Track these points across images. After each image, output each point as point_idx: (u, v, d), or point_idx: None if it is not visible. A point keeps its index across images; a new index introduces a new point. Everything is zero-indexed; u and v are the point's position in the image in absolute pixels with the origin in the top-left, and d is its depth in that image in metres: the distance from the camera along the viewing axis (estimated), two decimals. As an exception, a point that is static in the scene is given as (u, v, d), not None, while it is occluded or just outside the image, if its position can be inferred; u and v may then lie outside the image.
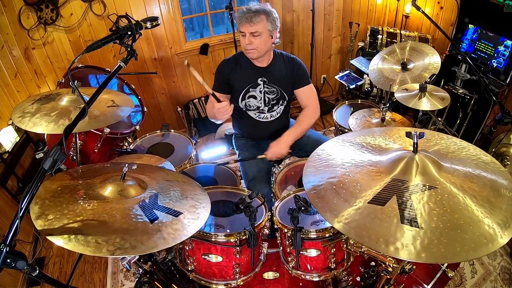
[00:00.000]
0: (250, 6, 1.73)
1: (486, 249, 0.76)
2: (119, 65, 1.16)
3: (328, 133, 3.48)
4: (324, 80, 4.06)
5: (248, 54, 1.78)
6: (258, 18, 1.69)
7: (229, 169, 1.93)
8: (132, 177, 1.18)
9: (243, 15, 1.70)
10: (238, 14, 1.74)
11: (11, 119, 2.04)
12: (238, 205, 1.23)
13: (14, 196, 2.36)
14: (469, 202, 0.86)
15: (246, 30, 1.71)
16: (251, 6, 1.73)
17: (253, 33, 1.70)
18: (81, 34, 2.81)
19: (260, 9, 1.71)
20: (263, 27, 1.71)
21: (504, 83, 2.48)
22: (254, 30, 1.69)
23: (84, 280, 2.22)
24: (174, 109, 3.50)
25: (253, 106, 1.91)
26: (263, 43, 1.74)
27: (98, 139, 1.97)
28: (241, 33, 1.75)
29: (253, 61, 1.85)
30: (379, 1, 3.68)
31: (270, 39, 1.77)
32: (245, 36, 1.73)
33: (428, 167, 0.95)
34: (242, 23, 1.71)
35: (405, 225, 0.82)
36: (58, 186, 1.06)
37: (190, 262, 1.30)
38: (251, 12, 1.69)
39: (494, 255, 2.16)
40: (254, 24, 1.68)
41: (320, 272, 1.32)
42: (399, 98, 1.92)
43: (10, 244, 0.79)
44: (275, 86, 1.88)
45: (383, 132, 1.23)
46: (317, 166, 1.09)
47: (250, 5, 1.74)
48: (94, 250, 0.86)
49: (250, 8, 1.72)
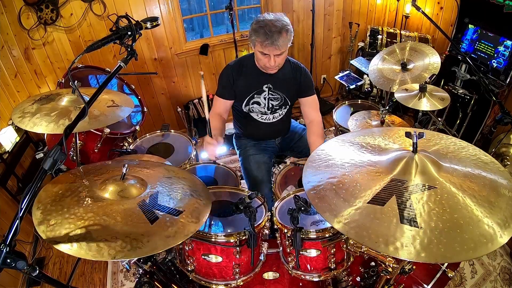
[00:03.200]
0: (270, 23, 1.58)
1: (485, 248, 0.76)
2: (119, 65, 1.16)
3: (328, 133, 3.48)
4: (324, 80, 4.06)
5: (268, 71, 1.75)
6: (281, 39, 1.58)
7: (229, 169, 1.93)
8: (132, 176, 1.18)
9: (266, 38, 1.57)
10: (257, 31, 1.60)
11: (11, 119, 2.04)
12: (238, 205, 1.23)
13: (14, 196, 2.36)
14: (468, 202, 0.86)
15: (271, 53, 1.63)
16: (272, 22, 1.59)
17: (278, 55, 1.65)
18: (81, 34, 2.81)
19: (283, 28, 1.59)
20: (286, 47, 1.65)
21: (504, 83, 2.48)
22: (280, 53, 1.64)
23: (84, 280, 2.22)
24: (174, 109, 3.50)
25: (257, 110, 1.91)
26: (283, 59, 1.72)
27: (98, 139, 1.97)
28: (260, 52, 1.66)
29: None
30: (379, 1, 3.68)
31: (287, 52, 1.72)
32: (267, 56, 1.65)
33: (428, 167, 0.95)
34: (265, 46, 1.60)
35: (405, 225, 0.82)
36: (59, 189, 1.06)
37: (190, 263, 1.30)
38: (274, 34, 1.56)
39: (494, 255, 2.16)
40: (280, 48, 1.61)
41: (320, 272, 1.33)
42: (399, 98, 1.92)
43: (10, 244, 0.80)
44: (279, 92, 1.87)
45: (382, 132, 1.23)
46: (317, 167, 1.09)
47: (268, 18, 1.61)
48: (96, 255, 0.86)
49: (271, 28, 1.57)
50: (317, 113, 1.93)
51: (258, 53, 1.69)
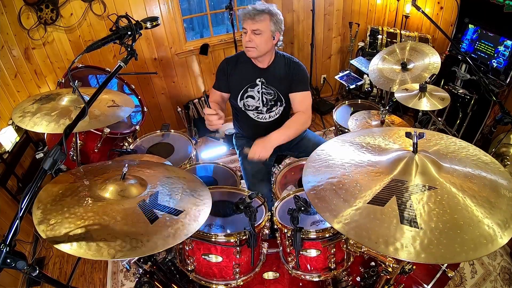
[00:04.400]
0: (256, 5, 1.73)
1: (485, 249, 0.76)
2: (119, 65, 1.16)
3: (328, 133, 3.48)
4: (324, 80, 4.06)
5: (247, 52, 1.78)
6: (261, 17, 1.69)
7: (229, 169, 1.93)
8: (132, 176, 1.18)
9: (247, 12, 1.71)
10: (242, 11, 1.75)
11: (11, 119, 2.04)
12: (238, 205, 1.23)
13: (14, 196, 2.36)
14: (468, 202, 0.86)
15: (248, 27, 1.71)
16: (257, 5, 1.73)
17: (255, 30, 1.70)
18: (81, 34, 2.81)
19: (265, 9, 1.71)
20: (265, 26, 1.71)
21: (504, 83, 2.48)
22: (256, 28, 1.70)
23: (84, 280, 2.22)
24: (174, 109, 3.50)
25: (252, 106, 1.91)
26: (264, 43, 1.73)
27: (98, 139, 1.97)
28: (243, 30, 1.75)
29: (254, 61, 1.84)
30: (379, 1, 3.68)
31: (271, 40, 1.76)
32: (246, 33, 1.73)
33: (428, 167, 0.95)
34: (245, 20, 1.72)
35: (405, 225, 0.82)
36: (59, 189, 1.06)
37: (190, 262, 1.30)
38: (255, 10, 1.70)
39: (494, 255, 2.16)
40: (256, 22, 1.69)
41: (320, 272, 1.33)
42: (399, 98, 1.92)
43: (10, 244, 0.80)
44: (272, 88, 1.88)
45: (382, 132, 1.23)
46: (317, 167, 1.09)
47: (256, 4, 1.74)
48: (96, 254, 0.86)
49: (255, 6, 1.72)
50: (307, 109, 1.88)
51: (242, 34, 1.77)
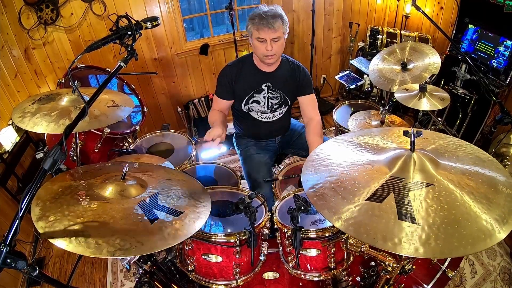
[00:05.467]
0: (265, 10, 1.65)
1: (484, 244, 0.77)
2: (119, 65, 1.16)
3: (328, 133, 3.48)
4: (324, 80, 4.06)
5: (268, 60, 1.74)
6: (277, 23, 1.63)
7: (229, 169, 1.93)
8: (132, 177, 1.18)
9: (261, 20, 1.62)
10: (253, 19, 1.66)
11: (11, 119, 2.04)
12: (238, 205, 1.24)
13: (14, 196, 2.36)
14: (466, 198, 0.87)
15: (267, 36, 1.64)
16: (267, 10, 1.65)
17: (274, 38, 1.65)
18: (81, 34, 2.81)
19: (277, 14, 1.65)
20: (281, 32, 1.67)
21: (504, 83, 2.48)
22: (276, 36, 1.65)
23: (84, 280, 2.22)
24: (174, 109, 3.50)
25: (256, 110, 1.92)
26: (281, 48, 1.72)
27: (98, 139, 1.97)
28: (258, 40, 1.68)
29: (259, 66, 1.83)
30: (379, 1, 3.68)
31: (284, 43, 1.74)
32: (264, 42, 1.66)
33: (426, 164, 0.96)
34: (261, 29, 1.63)
35: (403, 221, 0.83)
36: (58, 187, 1.06)
37: (190, 262, 1.30)
38: (269, 17, 1.62)
39: (494, 255, 2.16)
40: (276, 30, 1.63)
41: (320, 272, 1.32)
42: (399, 98, 1.92)
43: (10, 244, 0.80)
44: (279, 91, 1.87)
45: (381, 132, 1.23)
46: (316, 166, 1.09)
47: (263, 9, 1.67)
48: (95, 252, 0.86)
49: (266, 12, 1.64)
50: (315, 111, 1.94)
51: (255, 42, 1.70)
